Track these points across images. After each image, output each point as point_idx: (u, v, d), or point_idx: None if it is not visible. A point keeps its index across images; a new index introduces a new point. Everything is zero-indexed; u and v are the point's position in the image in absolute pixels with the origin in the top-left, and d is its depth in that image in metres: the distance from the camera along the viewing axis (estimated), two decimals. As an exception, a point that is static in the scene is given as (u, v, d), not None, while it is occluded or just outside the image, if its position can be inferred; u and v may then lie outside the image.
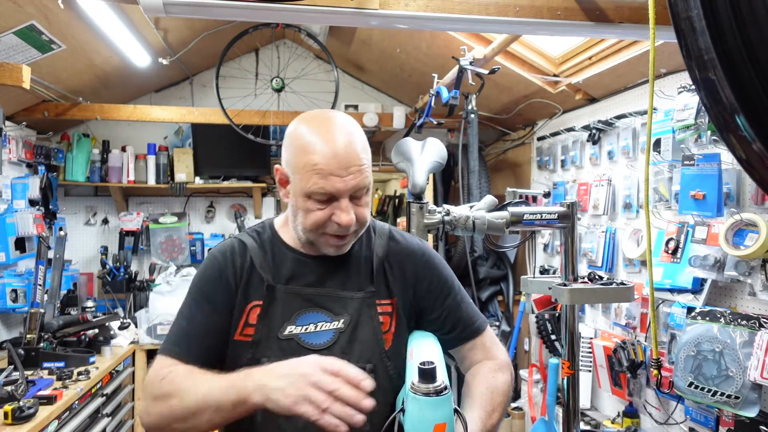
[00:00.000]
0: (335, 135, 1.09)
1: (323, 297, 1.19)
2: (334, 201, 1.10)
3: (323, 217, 1.11)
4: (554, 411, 2.52)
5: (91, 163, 3.79)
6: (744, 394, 1.77)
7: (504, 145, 4.08)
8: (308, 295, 1.18)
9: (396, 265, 1.25)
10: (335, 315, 1.18)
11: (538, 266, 3.40)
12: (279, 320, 1.16)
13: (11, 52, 2.56)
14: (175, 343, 1.16)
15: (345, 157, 1.08)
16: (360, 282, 1.21)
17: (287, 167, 1.15)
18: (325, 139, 1.09)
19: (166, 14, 1.45)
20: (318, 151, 1.08)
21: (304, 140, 1.10)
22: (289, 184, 1.15)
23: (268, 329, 1.16)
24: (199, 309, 1.18)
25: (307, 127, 1.12)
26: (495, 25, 1.66)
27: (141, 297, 3.78)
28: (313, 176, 1.08)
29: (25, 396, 2.22)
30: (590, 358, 2.71)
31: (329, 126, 1.11)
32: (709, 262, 1.96)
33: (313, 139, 1.09)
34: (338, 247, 1.17)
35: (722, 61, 0.77)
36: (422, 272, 1.26)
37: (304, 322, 1.17)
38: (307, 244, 1.19)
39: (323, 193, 1.08)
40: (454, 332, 1.26)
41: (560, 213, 1.47)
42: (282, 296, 1.17)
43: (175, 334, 1.17)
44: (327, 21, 2.14)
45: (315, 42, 3.47)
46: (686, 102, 2.06)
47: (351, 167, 1.09)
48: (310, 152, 1.08)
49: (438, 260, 1.30)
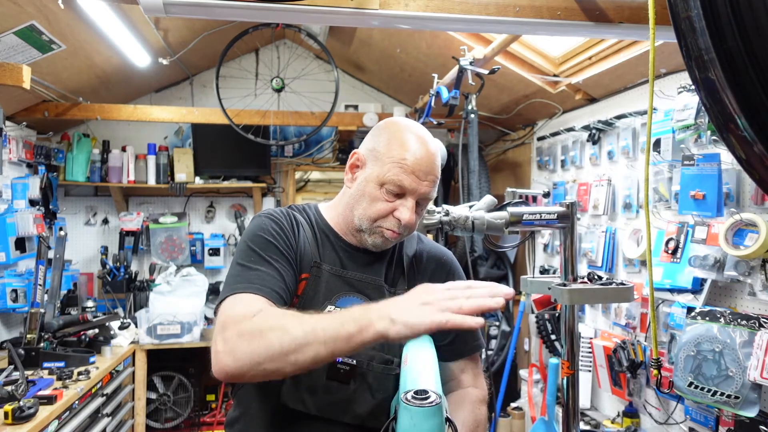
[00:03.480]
0: (428, 144, 1.19)
1: (364, 284, 1.23)
2: (402, 198, 1.17)
3: (387, 209, 1.17)
4: (554, 411, 2.52)
5: (91, 163, 3.79)
6: (744, 394, 1.77)
7: (504, 145, 4.08)
8: (349, 280, 1.23)
9: (423, 266, 1.32)
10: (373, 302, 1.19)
11: (537, 266, 3.40)
12: (321, 298, 1.20)
13: (11, 52, 2.56)
14: (256, 283, 1.07)
15: (429, 164, 1.17)
16: (394, 278, 1.28)
17: (368, 153, 1.21)
18: (419, 142, 1.18)
19: (166, 14, 1.45)
20: (410, 149, 1.16)
21: (399, 135, 1.18)
22: (361, 169, 1.22)
23: (310, 304, 1.18)
24: (274, 255, 1.14)
25: (405, 127, 1.21)
26: (495, 25, 1.65)
27: (141, 297, 3.78)
28: (396, 168, 1.15)
29: (25, 396, 2.22)
30: (590, 358, 2.71)
31: (424, 136, 1.20)
32: (708, 262, 1.96)
33: (409, 138, 1.18)
34: (384, 242, 1.21)
35: (722, 61, 0.77)
36: (446, 277, 1.33)
37: (343, 304, 1.20)
38: (354, 232, 1.23)
39: (398, 185, 1.15)
40: (453, 345, 1.29)
41: (560, 213, 1.47)
42: (326, 276, 1.21)
43: (251, 277, 1.09)
44: (327, 21, 2.13)
45: (315, 42, 3.47)
46: (686, 102, 2.06)
47: (430, 175, 1.18)
48: (403, 148, 1.16)
49: (460, 270, 1.37)
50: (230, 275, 1.13)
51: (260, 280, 1.09)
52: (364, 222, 1.19)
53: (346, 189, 1.26)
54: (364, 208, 1.18)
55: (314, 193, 8.09)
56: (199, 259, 4.04)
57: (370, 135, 1.25)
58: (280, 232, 1.19)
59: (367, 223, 1.19)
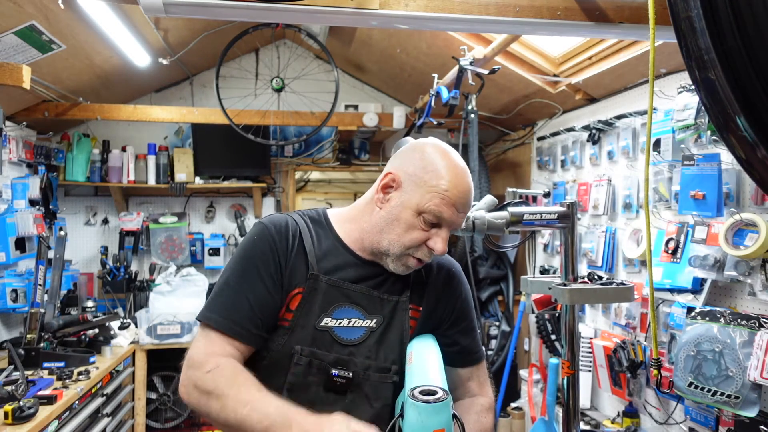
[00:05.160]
0: (466, 177, 1.17)
1: (361, 294, 1.21)
2: (437, 227, 1.16)
3: (422, 238, 1.16)
4: (554, 411, 2.52)
5: (92, 163, 3.79)
6: (744, 394, 1.77)
7: (504, 145, 4.08)
8: (347, 290, 1.20)
9: (430, 275, 1.29)
10: (369, 314, 1.21)
11: (538, 266, 3.40)
12: (317, 310, 1.18)
13: (11, 52, 2.56)
14: (225, 315, 1.14)
15: (468, 197, 1.17)
16: (398, 287, 1.25)
17: (406, 177, 1.17)
18: (459, 173, 1.15)
19: (166, 14, 1.45)
20: (451, 180, 1.14)
21: (440, 162, 1.15)
22: (396, 191, 1.18)
23: (306, 318, 1.18)
24: (253, 280, 1.16)
25: (444, 153, 1.17)
26: (495, 25, 1.65)
27: (141, 297, 3.78)
28: (436, 198, 1.13)
29: (25, 396, 2.22)
30: (590, 358, 2.71)
31: (463, 168, 1.18)
32: (708, 262, 1.96)
33: (449, 166, 1.15)
34: (406, 270, 1.20)
35: (722, 61, 0.77)
36: (453, 287, 1.32)
37: (339, 315, 1.19)
38: (377, 253, 1.21)
39: (437, 216, 1.14)
40: (459, 353, 1.30)
41: (560, 213, 1.47)
42: (324, 287, 1.19)
43: (227, 303, 1.16)
44: (327, 21, 2.13)
45: (315, 42, 3.47)
46: (686, 102, 2.06)
47: (467, 207, 1.17)
48: (444, 177, 1.14)
49: (465, 280, 1.36)
50: (215, 289, 1.20)
51: (235, 311, 1.14)
52: (396, 247, 1.17)
53: (375, 208, 1.20)
54: (399, 235, 1.16)
55: (314, 193, 8.09)
56: (199, 259, 4.04)
57: (407, 156, 1.20)
58: (269, 252, 1.17)
59: (398, 249, 1.17)
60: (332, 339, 1.17)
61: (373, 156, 4.44)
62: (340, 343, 1.18)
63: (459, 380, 1.32)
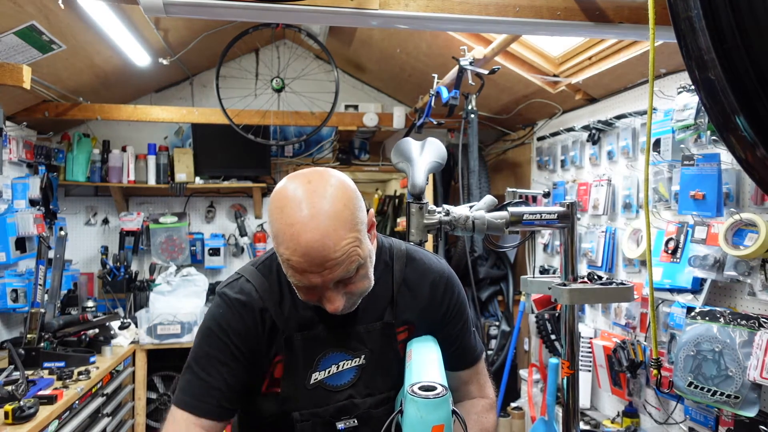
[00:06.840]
0: (305, 228, 0.94)
1: (340, 335, 1.15)
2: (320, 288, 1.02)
3: (314, 299, 1.05)
4: (554, 411, 2.52)
5: (92, 163, 3.79)
6: (743, 393, 1.77)
7: (504, 145, 4.09)
8: (325, 338, 1.14)
9: (415, 288, 1.22)
10: (354, 352, 1.16)
11: (538, 266, 3.40)
12: (303, 370, 1.14)
13: (12, 52, 2.56)
14: (195, 398, 1.12)
15: (318, 255, 0.94)
16: (377, 311, 1.17)
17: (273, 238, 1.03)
18: (294, 233, 0.94)
19: (166, 14, 1.45)
20: (289, 247, 0.95)
21: (278, 222, 0.97)
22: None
23: (294, 382, 1.14)
24: (219, 362, 1.11)
25: (281, 207, 0.98)
26: (495, 25, 1.66)
27: (141, 297, 3.78)
28: (289, 269, 0.99)
29: (25, 396, 2.22)
30: (590, 358, 2.71)
31: (300, 216, 0.95)
32: (708, 262, 1.96)
33: (284, 230, 0.96)
34: (340, 312, 1.07)
35: (722, 61, 0.77)
36: (441, 296, 1.24)
37: (326, 365, 1.14)
38: None
39: (303, 286, 1.01)
40: (454, 356, 1.28)
41: (560, 213, 1.47)
42: (300, 344, 1.13)
43: (194, 386, 1.12)
44: (327, 21, 2.14)
45: (315, 42, 3.47)
46: (686, 102, 2.06)
47: (327, 263, 0.95)
48: (282, 245, 0.97)
49: (457, 284, 1.28)
50: (182, 374, 1.16)
51: (201, 393, 1.11)
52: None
53: None
54: (299, 293, 1.05)
55: (314, 193, 8.08)
56: (200, 259, 4.04)
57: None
58: (229, 334, 1.11)
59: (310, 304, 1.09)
60: (327, 391, 1.14)
61: (373, 156, 4.44)
62: (335, 391, 1.15)
63: (459, 383, 1.31)
